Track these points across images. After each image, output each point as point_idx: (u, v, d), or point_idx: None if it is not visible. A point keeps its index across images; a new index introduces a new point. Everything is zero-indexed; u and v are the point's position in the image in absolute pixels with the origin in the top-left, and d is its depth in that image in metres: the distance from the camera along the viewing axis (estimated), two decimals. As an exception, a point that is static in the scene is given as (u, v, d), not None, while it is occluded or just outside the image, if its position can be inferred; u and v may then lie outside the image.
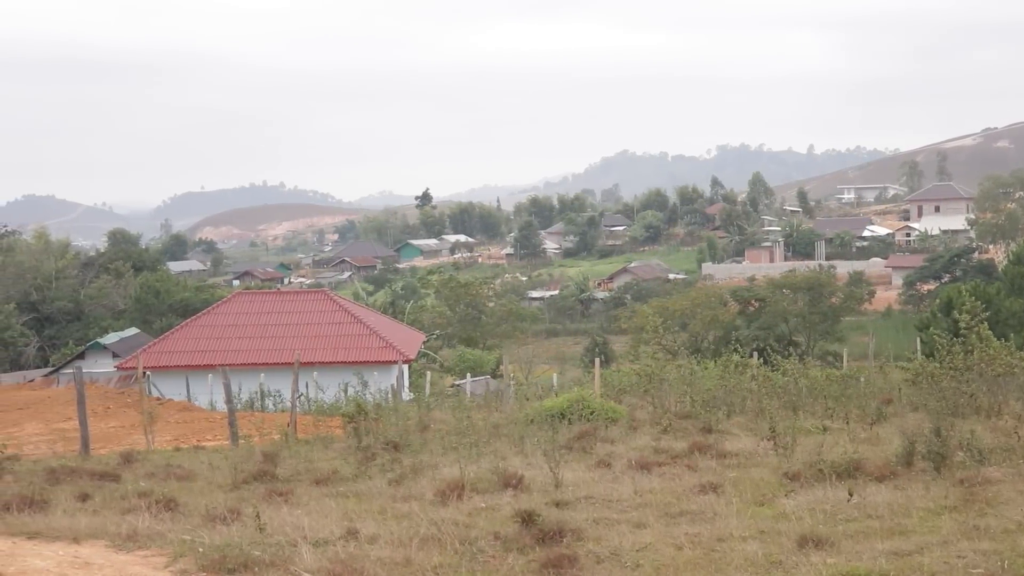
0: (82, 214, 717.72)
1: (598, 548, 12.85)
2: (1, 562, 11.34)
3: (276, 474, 19.68)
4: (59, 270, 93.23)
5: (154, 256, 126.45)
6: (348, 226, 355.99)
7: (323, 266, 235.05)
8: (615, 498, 16.09)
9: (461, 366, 73.15)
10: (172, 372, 50.49)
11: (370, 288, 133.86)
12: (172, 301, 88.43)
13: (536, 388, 40.17)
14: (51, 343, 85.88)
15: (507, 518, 14.31)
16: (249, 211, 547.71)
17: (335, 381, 42.99)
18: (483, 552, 12.76)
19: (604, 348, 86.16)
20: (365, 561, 11.97)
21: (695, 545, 13.01)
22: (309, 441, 25.54)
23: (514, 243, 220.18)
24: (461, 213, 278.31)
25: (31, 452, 27.21)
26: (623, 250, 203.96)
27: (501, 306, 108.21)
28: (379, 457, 21.14)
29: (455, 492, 16.50)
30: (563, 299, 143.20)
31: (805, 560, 12.08)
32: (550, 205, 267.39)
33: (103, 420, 36.17)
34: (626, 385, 34.37)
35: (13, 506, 15.72)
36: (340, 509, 15.69)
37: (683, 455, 20.00)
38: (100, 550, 12.98)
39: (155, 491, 17.55)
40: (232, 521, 14.51)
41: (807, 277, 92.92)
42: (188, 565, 12.21)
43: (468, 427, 21.61)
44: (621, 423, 25.67)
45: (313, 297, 60.80)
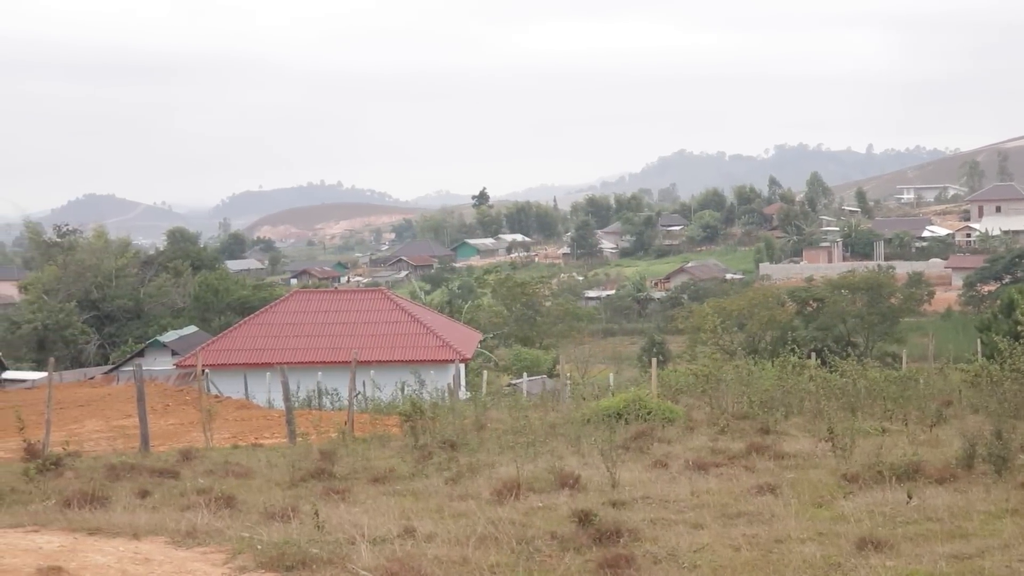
0: (142, 213, 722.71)
1: (655, 549, 12.81)
2: (63, 557, 11.44)
3: (334, 472, 19.74)
4: (119, 268, 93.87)
5: (213, 255, 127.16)
6: (405, 225, 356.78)
7: (380, 265, 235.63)
8: (672, 498, 16.06)
9: (517, 365, 73.15)
10: (230, 370, 50.73)
11: (427, 287, 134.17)
12: (230, 299, 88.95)
13: (592, 388, 40.13)
14: (111, 341, 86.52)
15: (564, 518, 14.30)
16: (307, 210, 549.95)
17: (392, 380, 43.11)
18: (540, 551, 12.76)
19: (661, 348, 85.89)
20: (422, 559, 11.99)
21: (753, 546, 12.96)
22: (366, 439, 25.62)
23: (571, 242, 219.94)
24: (518, 212, 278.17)
25: (92, 449, 27.43)
26: (680, 250, 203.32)
27: (557, 305, 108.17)
28: (436, 456, 21.18)
29: (512, 491, 16.50)
30: (620, 299, 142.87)
31: (864, 563, 12.00)
32: (607, 204, 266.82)
33: (162, 417, 36.44)
34: (683, 385, 34.25)
35: (74, 502, 15.85)
36: (397, 507, 15.73)
37: (740, 456, 19.93)
38: (160, 546, 13.07)
39: (214, 488, 17.66)
40: (290, 519, 14.58)
41: (866, 277, 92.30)
42: (247, 562, 12.26)
43: (525, 426, 21.62)
44: (678, 423, 25.62)
45: (370, 296, 60.95)
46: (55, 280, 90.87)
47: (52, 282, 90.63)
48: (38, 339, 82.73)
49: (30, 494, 17.50)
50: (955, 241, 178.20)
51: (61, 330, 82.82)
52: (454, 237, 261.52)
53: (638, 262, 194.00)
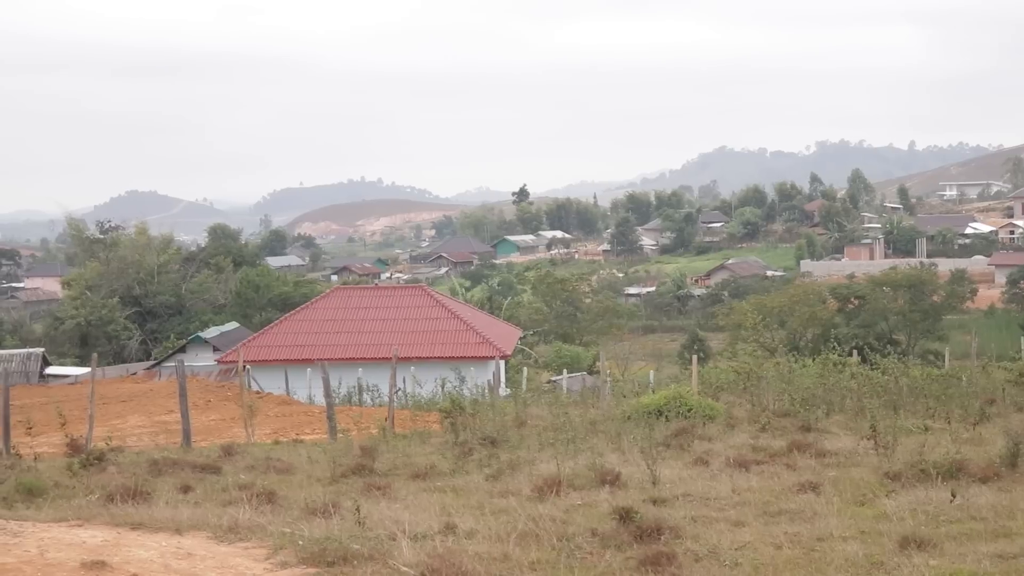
0: (183, 210, 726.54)
1: (696, 546, 12.78)
2: (107, 552, 11.50)
3: (374, 468, 19.79)
4: (161, 265, 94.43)
5: (254, 251, 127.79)
6: (445, 222, 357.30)
7: (420, 261, 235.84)
8: (713, 496, 16.02)
9: (557, 362, 73.14)
10: (271, 366, 50.92)
11: (467, 284, 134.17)
12: (271, 296, 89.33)
13: (633, 385, 40.04)
14: (153, 337, 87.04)
15: (605, 515, 14.27)
16: (347, 207, 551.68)
17: (432, 376, 43.12)
18: (581, 549, 12.74)
19: (701, 345, 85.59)
20: (463, 556, 11.98)
21: (794, 544, 12.90)
22: (406, 436, 25.66)
23: (611, 239, 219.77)
24: (558, 209, 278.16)
25: (134, 444, 27.59)
26: (720, 247, 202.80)
27: (598, 302, 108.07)
28: (476, 452, 21.21)
29: (552, 488, 16.50)
30: (660, 296, 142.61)
31: (907, 562, 11.93)
32: (647, 201, 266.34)
33: (204, 413, 36.59)
34: (724, 382, 34.17)
35: (117, 497, 15.94)
36: (438, 504, 15.74)
37: (782, 453, 19.87)
38: (202, 541, 13.11)
39: (255, 484, 17.74)
40: (331, 514, 14.60)
41: (908, 275, 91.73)
42: (288, 558, 12.29)
43: (565, 423, 21.61)
44: (719, 421, 25.56)
45: (411, 292, 61.09)
46: (98, 276, 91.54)
47: (95, 278, 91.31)
48: (81, 335, 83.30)
49: (74, 489, 17.60)
50: (998, 238, 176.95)
51: (104, 326, 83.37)
52: (494, 234, 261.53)
53: (678, 259, 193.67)
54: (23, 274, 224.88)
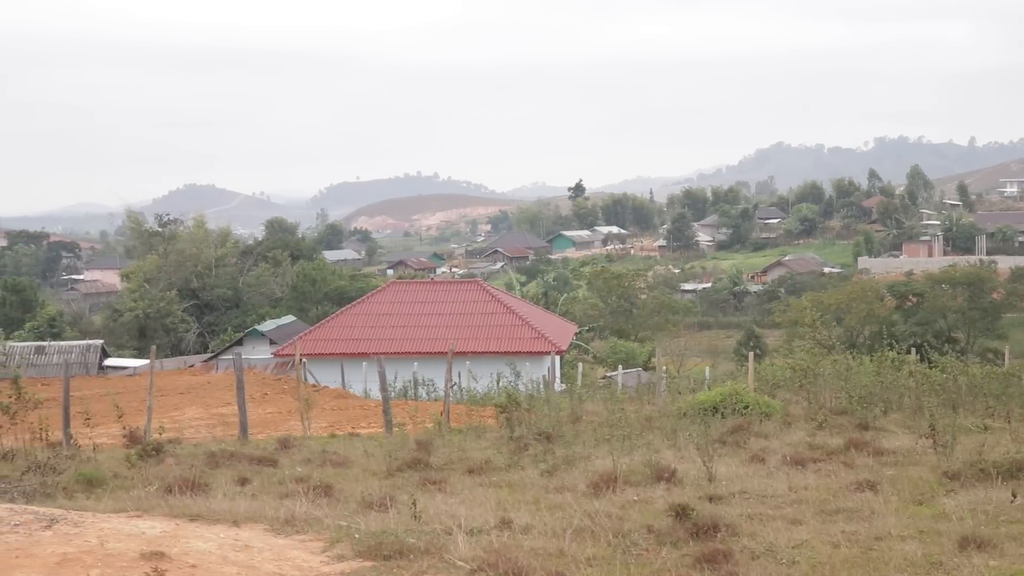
0: (241, 203, 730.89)
1: (753, 544, 12.73)
2: (165, 543, 11.57)
3: (430, 462, 19.82)
4: (219, 258, 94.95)
5: (310, 245, 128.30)
6: (501, 217, 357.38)
7: (476, 256, 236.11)
8: (770, 494, 15.94)
9: (613, 358, 73.02)
10: (327, 360, 51.13)
11: (522, 279, 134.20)
12: (328, 289, 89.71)
13: (688, 381, 39.94)
14: (210, 329, 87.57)
15: (660, 511, 14.26)
16: (403, 201, 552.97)
17: (488, 371, 43.22)
18: (636, 545, 12.72)
19: (758, 342, 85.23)
20: (519, 551, 11.99)
21: (852, 543, 12.83)
22: (462, 430, 25.67)
23: (667, 235, 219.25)
24: (614, 204, 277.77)
25: (191, 436, 27.76)
26: (777, 243, 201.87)
27: (653, 298, 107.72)
28: (532, 447, 21.21)
29: (608, 484, 16.48)
30: (716, 292, 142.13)
31: (967, 562, 11.84)
32: (703, 197, 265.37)
33: (261, 406, 36.78)
34: (780, 379, 33.96)
35: (175, 488, 16.05)
36: (493, 499, 15.74)
37: (839, 452, 19.75)
38: (259, 533, 13.18)
39: (312, 477, 17.81)
40: (387, 508, 14.65)
41: (967, 272, 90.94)
42: (345, 551, 12.34)
43: (621, 419, 21.52)
44: (775, 418, 25.42)
45: (467, 287, 61.11)
46: (156, 269, 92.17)
47: (153, 271, 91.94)
48: (139, 327, 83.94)
49: (132, 480, 17.73)
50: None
51: (162, 318, 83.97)
52: (550, 229, 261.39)
53: (735, 255, 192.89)
54: (83, 266, 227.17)
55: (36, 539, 11.29)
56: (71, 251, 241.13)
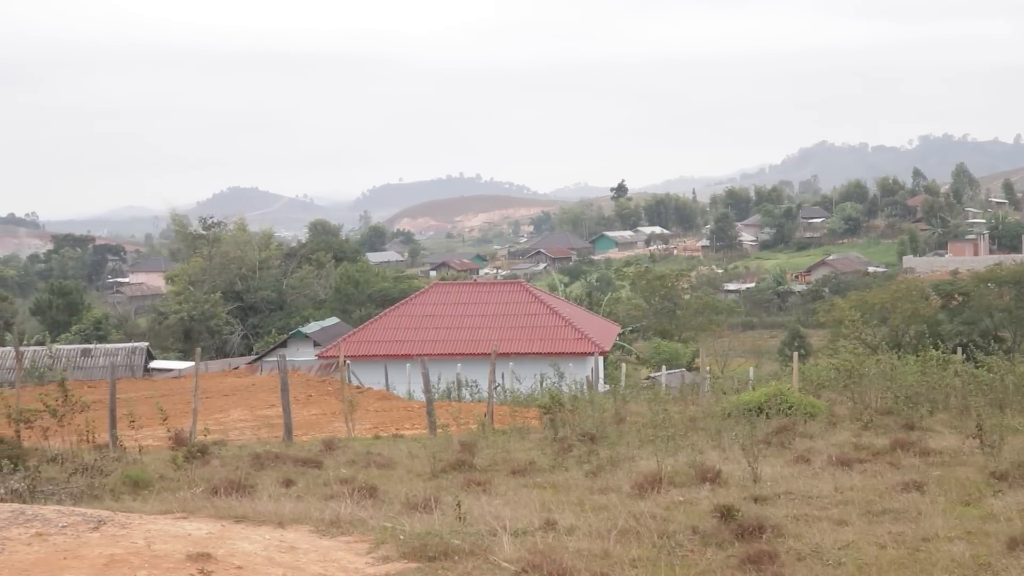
0: (284, 206, 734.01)
1: (799, 545, 12.67)
2: (211, 544, 11.63)
3: (474, 464, 19.83)
4: (263, 260, 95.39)
5: (353, 247, 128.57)
6: (543, 217, 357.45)
7: (518, 257, 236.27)
8: (815, 494, 15.87)
9: (656, 358, 72.86)
10: (371, 361, 51.29)
11: (565, 279, 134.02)
12: (371, 291, 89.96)
13: (732, 381, 39.81)
14: (255, 332, 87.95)
15: (705, 512, 14.22)
16: (446, 202, 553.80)
17: (531, 372, 43.24)
18: (681, 546, 12.70)
19: (802, 342, 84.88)
20: (563, 552, 11.98)
21: (899, 544, 12.76)
22: (506, 431, 25.67)
23: (710, 235, 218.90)
24: (656, 205, 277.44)
25: (236, 438, 27.87)
26: (821, 242, 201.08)
27: (697, 298, 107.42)
28: (576, 448, 21.19)
29: (652, 485, 16.45)
30: (759, 292, 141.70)
31: (1015, 563, 11.75)
32: (746, 196, 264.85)
33: (305, 407, 36.86)
34: (825, 380, 33.83)
35: (221, 490, 16.12)
36: (538, 500, 15.75)
37: (885, 452, 19.65)
38: (304, 535, 13.23)
39: (356, 478, 17.85)
40: (431, 509, 14.68)
41: (1014, 271, 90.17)
42: (390, 552, 12.36)
43: (665, 420, 21.50)
44: (820, 418, 25.32)
45: (510, 288, 61.12)
46: (201, 272, 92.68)
47: (198, 274, 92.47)
48: (184, 329, 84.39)
49: (178, 481, 17.83)
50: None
51: (206, 320, 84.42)
52: (592, 229, 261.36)
53: (778, 255, 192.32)
54: (128, 269, 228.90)
55: (84, 540, 11.38)
56: (116, 254, 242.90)
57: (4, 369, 62.89)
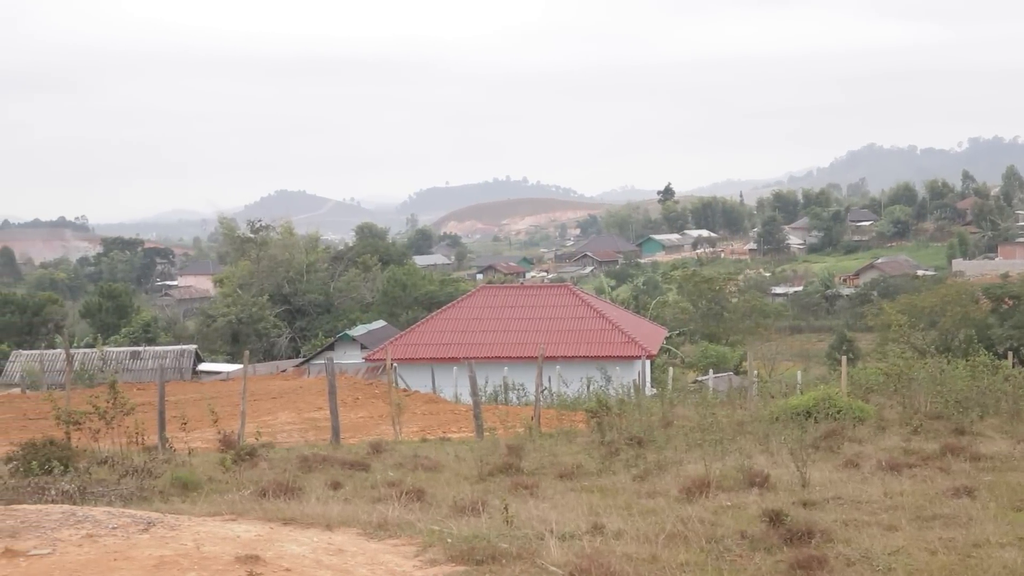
0: (331, 209, 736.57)
1: (848, 550, 12.58)
2: (260, 546, 11.67)
3: (521, 467, 19.84)
4: (310, 263, 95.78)
5: (400, 250, 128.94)
6: (590, 220, 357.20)
7: (565, 260, 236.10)
8: (864, 499, 15.76)
9: (703, 362, 72.64)
10: (418, 364, 51.38)
11: (612, 283, 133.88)
12: (418, 294, 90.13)
13: (780, 385, 39.66)
14: (302, 334, 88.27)
15: (754, 517, 14.14)
16: (492, 205, 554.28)
17: (578, 375, 43.19)
18: (730, 551, 12.64)
19: (850, 346, 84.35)
20: (611, 556, 11.94)
21: (950, 550, 12.64)
22: (553, 435, 25.68)
23: (757, 238, 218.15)
24: (703, 208, 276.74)
25: (284, 440, 28.01)
26: (869, 245, 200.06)
27: (744, 302, 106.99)
28: (623, 452, 21.16)
29: (700, 489, 16.39)
30: (807, 295, 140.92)
31: (1068, 569, 11.63)
32: (794, 199, 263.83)
33: (352, 410, 37.00)
34: (873, 384, 33.64)
35: (269, 492, 16.17)
36: (585, 503, 15.72)
37: (935, 457, 19.51)
38: (352, 537, 13.25)
39: (404, 481, 17.89)
40: (479, 512, 14.67)
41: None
42: (437, 555, 12.36)
43: (712, 424, 21.42)
44: (869, 423, 25.19)
45: (557, 291, 61.11)
46: (249, 275, 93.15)
47: (246, 277, 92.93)
48: (232, 332, 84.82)
49: (226, 483, 17.91)
50: None
51: (254, 323, 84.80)
52: (639, 232, 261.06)
53: (826, 258, 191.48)
54: (176, 272, 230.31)
55: (134, 542, 11.44)
56: (165, 257, 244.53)
57: (54, 371, 63.45)
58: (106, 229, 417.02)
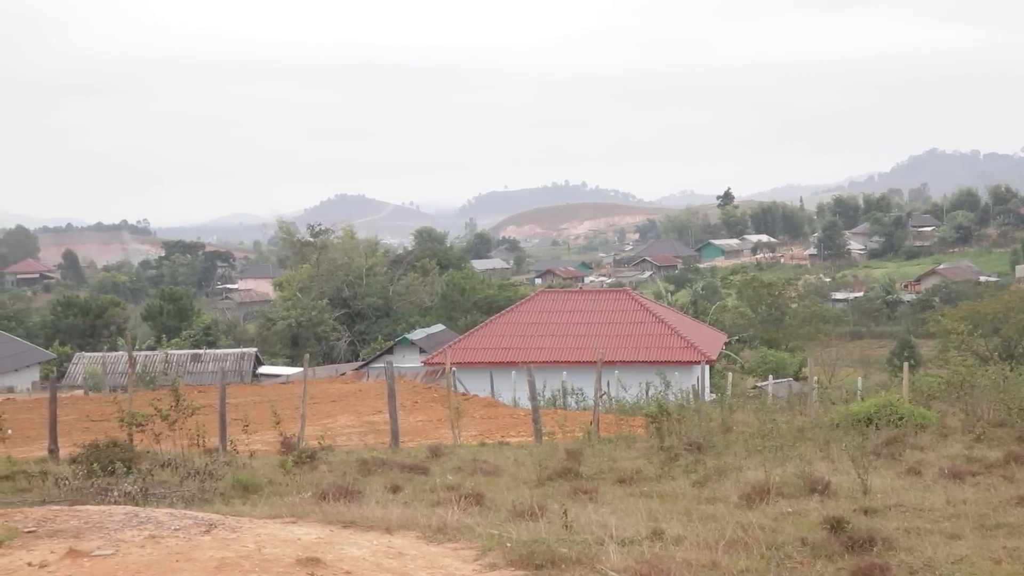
0: (390, 213, 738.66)
1: (911, 559, 12.46)
2: (320, 549, 11.71)
3: (580, 472, 19.81)
4: (369, 267, 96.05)
5: (459, 254, 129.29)
6: (649, 225, 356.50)
7: (624, 265, 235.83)
8: (927, 507, 15.62)
9: (763, 367, 72.25)
10: (476, 368, 51.42)
11: (671, 287, 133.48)
12: (476, 298, 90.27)
13: (840, 391, 39.38)
14: (361, 338, 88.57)
15: (814, 524, 14.04)
16: (551, 210, 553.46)
17: (637, 380, 43.05)
18: (791, 558, 12.55)
19: (912, 352, 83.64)
20: (671, 562, 11.90)
21: (1014, 560, 12.51)
22: (612, 440, 25.64)
23: (817, 243, 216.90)
24: (763, 212, 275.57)
25: (344, 443, 28.09)
26: (931, 251, 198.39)
27: (804, 307, 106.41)
28: (682, 458, 21.09)
29: (760, 495, 16.31)
30: (868, 301, 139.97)
31: None
32: (855, 205, 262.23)
33: (411, 414, 37.07)
34: (935, 391, 33.35)
35: (329, 495, 16.24)
36: (644, 509, 15.67)
37: (998, 465, 19.32)
38: (412, 541, 13.26)
39: (463, 485, 17.90)
40: (538, 517, 14.63)
41: None
42: (496, 559, 12.35)
43: (772, 430, 21.31)
44: (931, 430, 24.95)
45: (615, 296, 61.01)
46: (308, 278, 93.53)
47: (305, 280, 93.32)
48: (292, 335, 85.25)
49: (287, 486, 17.99)
50: None
51: (314, 327, 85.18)
52: (698, 237, 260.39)
53: (887, 263, 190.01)
54: (237, 276, 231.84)
55: (195, 543, 11.51)
56: (225, 261, 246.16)
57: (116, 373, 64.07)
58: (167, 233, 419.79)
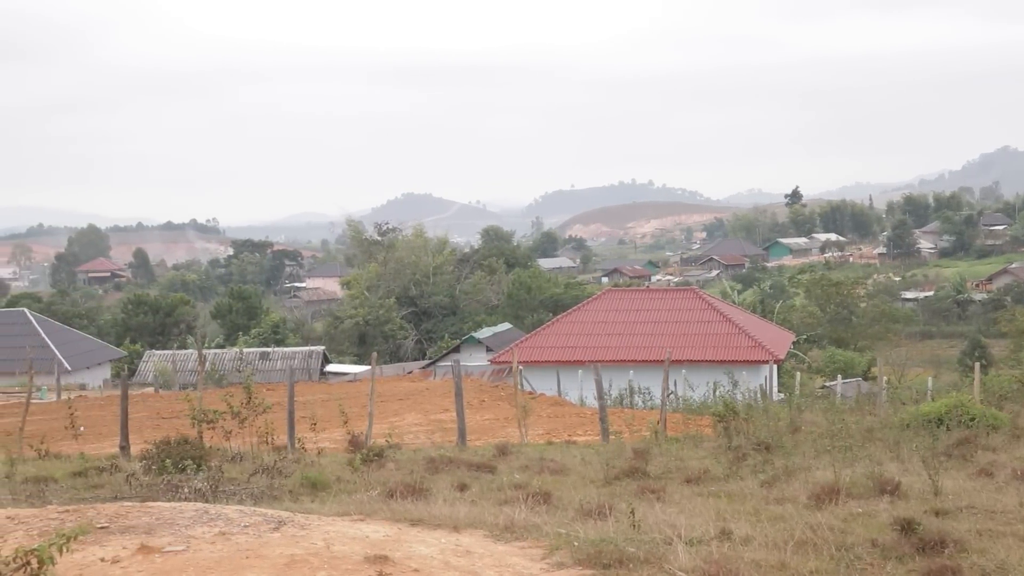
0: (457, 212, 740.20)
1: (983, 561, 12.31)
2: (388, 547, 11.74)
3: (647, 471, 19.75)
4: (437, 266, 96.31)
5: (525, 253, 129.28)
6: (716, 224, 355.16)
7: (691, 264, 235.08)
8: (999, 509, 15.42)
9: (831, 367, 71.76)
10: (543, 367, 51.42)
11: (738, 287, 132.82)
12: (543, 297, 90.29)
13: (910, 392, 39.06)
14: (428, 336, 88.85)
15: (884, 525, 13.92)
16: (618, 209, 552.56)
17: (704, 379, 42.93)
18: (860, 559, 12.44)
19: (983, 352, 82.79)
20: (739, 563, 11.83)
21: (1089, 562, 12.33)
22: (679, 439, 25.56)
23: (887, 242, 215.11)
24: (832, 211, 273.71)
25: (411, 442, 28.19)
26: (1003, 250, 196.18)
27: (873, 306, 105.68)
28: (750, 458, 20.97)
29: (829, 496, 16.17)
30: (938, 300, 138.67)
31: None
32: (925, 203, 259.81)
33: (478, 412, 37.14)
34: (1008, 391, 33.00)
35: (397, 493, 16.28)
36: (712, 509, 15.59)
37: (1073, 466, 19.05)
38: (479, 539, 13.26)
39: (530, 484, 17.90)
40: (605, 516, 14.60)
41: None
42: (564, 558, 12.33)
43: (841, 430, 21.15)
44: (1003, 431, 24.67)
45: (682, 295, 60.84)
46: (376, 277, 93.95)
47: (373, 279, 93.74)
48: (359, 334, 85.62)
49: (355, 484, 18.07)
50: None
51: (381, 325, 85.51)
52: (766, 236, 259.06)
53: (958, 263, 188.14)
54: (305, 274, 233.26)
55: (265, 540, 11.58)
56: (293, 259, 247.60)
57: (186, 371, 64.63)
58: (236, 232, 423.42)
